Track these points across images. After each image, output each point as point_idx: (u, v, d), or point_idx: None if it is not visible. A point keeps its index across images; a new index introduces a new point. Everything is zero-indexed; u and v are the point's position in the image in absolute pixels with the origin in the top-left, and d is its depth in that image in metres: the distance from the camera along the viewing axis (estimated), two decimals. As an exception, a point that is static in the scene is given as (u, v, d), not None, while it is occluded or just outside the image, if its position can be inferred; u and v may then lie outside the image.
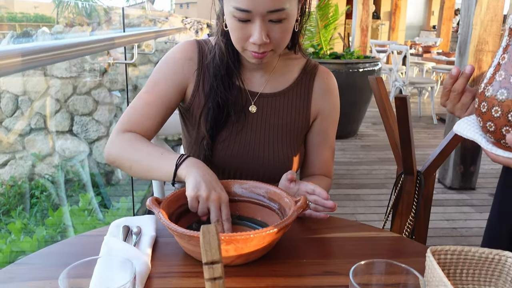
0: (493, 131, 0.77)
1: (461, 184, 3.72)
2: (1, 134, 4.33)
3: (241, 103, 1.19)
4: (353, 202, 3.44)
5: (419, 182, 1.49)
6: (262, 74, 1.22)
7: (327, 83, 1.26)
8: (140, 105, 1.16)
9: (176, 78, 1.18)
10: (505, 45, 0.75)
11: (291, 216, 0.88)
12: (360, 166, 4.29)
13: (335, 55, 5.29)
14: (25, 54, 1.08)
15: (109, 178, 4.46)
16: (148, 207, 0.92)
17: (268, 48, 1.05)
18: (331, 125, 1.28)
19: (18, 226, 3.19)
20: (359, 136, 5.38)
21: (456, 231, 2.99)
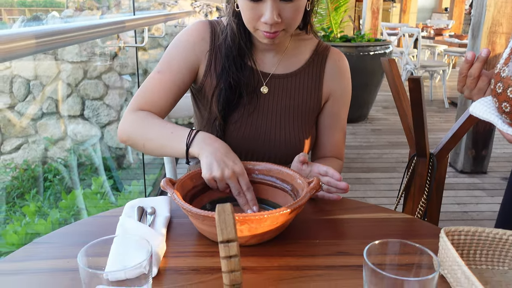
0: (509, 111, 0.76)
1: (473, 168, 3.70)
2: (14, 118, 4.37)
3: (253, 84, 1.19)
4: (363, 185, 3.44)
5: (431, 164, 1.49)
6: (274, 55, 1.21)
7: (339, 65, 1.25)
8: (152, 85, 1.16)
9: (188, 58, 1.18)
10: None
11: (304, 197, 0.88)
12: (370, 150, 4.28)
13: (346, 38, 5.24)
14: (38, 37, 1.08)
15: (121, 162, 4.50)
16: (162, 188, 0.93)
17: (280, 28, 1.05)
18: (343, 108, 1.28)
19: (32, 209, 3.24)
20: (369, 120, 5.35)
21: (467, 215, 2.98)
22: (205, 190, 1.03)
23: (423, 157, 1.49)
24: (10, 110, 4.36)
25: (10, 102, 4.36)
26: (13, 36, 0.96)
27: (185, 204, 0.84)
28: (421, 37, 6.22)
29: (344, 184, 0.98)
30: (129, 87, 4.61)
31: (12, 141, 4.34)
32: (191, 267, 0.80)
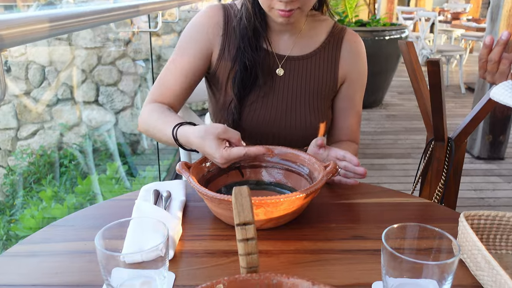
0: None
1: (490, 153, 3.64)
2: (30, 104, 4.41)
3: (268, 65, 1.18)
4: (378, 171, 3.42)
5: (449, 149, 1.46)
6: (289, 36, 1.20)
7: (355, 47, 1.23)
8: (166, 75, 1.18)
9: (201, 44, 1.17)
10: None
11: (320, 181, 0.87)
12: (385, 135, 4.24)
13: (361, 22, 5.16)
14: (52, 20, 1.07)
15: (135, 148, 4.53)
16: (178, 171, 0.93)
17: (295, 6, 1.03)
18: (359, 91, 1.26)
19: (49, 194, 3.29)
20: (384, 106, 5.30)
21: (484, 201, 2.94)
22: (220, 174, 1.02)
23: (441, 142, 1.47)
24: (26, 96, 4.40)
25: (26, 88, 4.40)
26: (28, 20, 0.96)
27: (201, 188, 0.84)
28: (437, 21, 6.10)
29: (362, 170, 0.97)
30: (142, 72, 4.61)
31: (28, 127, 4.39)
32: (207, 250, 0.80)
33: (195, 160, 0.99)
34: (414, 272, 0.61)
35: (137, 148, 4.53)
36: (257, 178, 1.05)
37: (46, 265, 0.76)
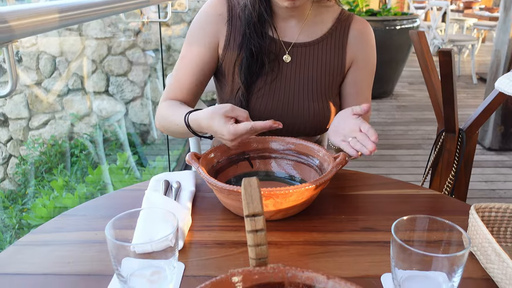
0: None
1: (501, 145, 3.61)
2: (41, 94, 4.44)
3: (274, 52, 1.18)
4: (388, 162, 3.40)
5: (460, 140, 1.45)
6: (295, 23, 1.19)
7: (363, 32, 1.22)
8: (177, 73, 1.20)
9: (208, 36, 1.18)
10: None
11: (330, 172, 0.87)
12: (395, 126, 4.21)
13: (371, 12, 5.11)
14: (63, 11, 1.08)
15: (145, 138, 4.55)
16: (187, 162, 0.93)
17: None
18: (367, 77, 1.23)
19: (60, 184, 3.32)
20: (394, 96, 5.26)
21: (495, 193, 2.92)
22: (230, 164, 1.02)
23: (452, 133, 1.45)
24: (38, 87, 4.43)
25: (37, 78, 4.42)
26: (38, 10, 0.96)
27: (210, 179, 0.84)
28: (449, 10, 6.02)
29: (371, 145, 0.91)
30: (152, 63, 4.61)
31: (40, 117, 4.42)
32: (216, 241, 0.80)
33: (205, 151, 0.99)
34: (423, 264, 0.61)
35: (147, 138, 4.55)
36: (266, 169, 1.05)
37: (58, 254, 0.77)
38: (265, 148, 1.05)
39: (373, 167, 3.31)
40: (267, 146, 1.05)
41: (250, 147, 1.05)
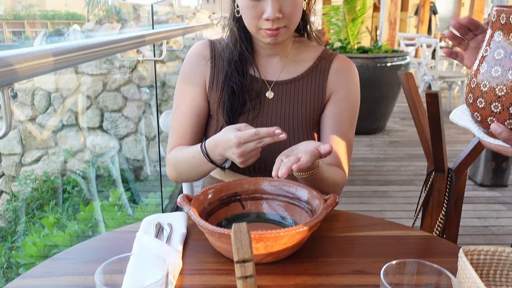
0: (480, 121, 0.77)
1: (493, 181, 3.63)
2: (34, 130, 4.45)
3: (256, 90, 1.21)
4: (380, 199, 3.40)
5: (450, 179, 1.47)
6: (277, 61, 1.23)
7: (343, 68, 1.23)
8: (175, 123, 1.24)
9: (196, 80, 1.23)
10: (488, 37, 0.75)
11: (320, 214, 0.88)
12: (388, 162, 4.24)
13: (363, 49, 5.23)
14: (57, 54, 1.10)
15: (138, 174, 4.54)
16: (179, 204, 0.93)
17: (281, 24, 1.08)
18: (346, 112, 1.21)
19: (51, 221, 3.29)
20: (387, 132, 5.31)
21: (488, 230, 2.92)
22: (222, 206, 1.03)
23: (441, 172, 1.47)
24: (31, 122, 4.45)
25: (32, 114, 4.45)
26: (34, 54, 0.99)
27: (201, 221, 0.85)
28: (439, 47, 6.17)
29: (281, 171, 0.88)
30: (147, 99, 4.66)
31: (33, 153, 4.42)
32: (207, 285, 0.80)
33: (197, 193, 1.00)
34: (412, 310, 0.61)
35: (140, 174, 4.54)
36: (257, 210, 1.06)
37: (47, 300, 0.76)
38: (256, 189, 1.06)
39: (366, 203, 3.31)
40: (258, 187, 1.06)
41: (241, 188, 1.06)
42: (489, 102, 0.73)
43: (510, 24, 0.70)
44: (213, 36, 6.28)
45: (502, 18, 0.71)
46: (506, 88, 0.71)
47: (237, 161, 1.00)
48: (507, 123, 0.73)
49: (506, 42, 0.71)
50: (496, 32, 0.73)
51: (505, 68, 0.71)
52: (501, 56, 0.72)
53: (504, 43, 0.71)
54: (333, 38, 5.79)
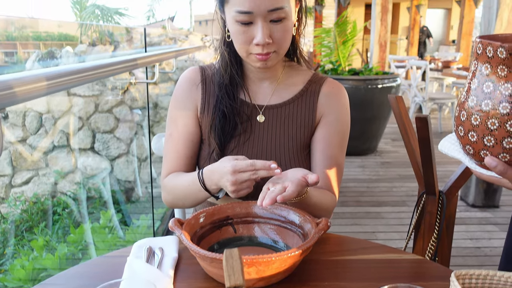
0: (473, 154, 0.76)
1: (484, 201, 3.65)
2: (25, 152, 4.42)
3: (247, 113, 1.22)
4: (373, 220, 3.40)
5: (441, 202, 1.47)
6: (267, 85, 1.24)
7: (333, 91, 1.24)
8: (169, 149, 1.25)
9: (188, 106, 1.24)
10: (473, 69, 0.75)
11: (312, 238, 0.88)
12: (380, 183, 4.25)
13: (354, 71, 5.29)
14: (50, 78, 1.11)
15: (130, 195, 4.51)
16: (170, 228, 0.93)
17: (271, 49, 1.10)
18: (336, 135, 1.22)
19: (41, 243, 3.24)
20: (378, 153, 5.34)
21: (480, 251, 2.92)
22: (213, 230, 1.02)
23: (432, 195, 1.48)
24: (22, 144, 4.42)
25: (23, 135, 4.42)
26: (27, 79, 0.99)
27: (192, 246, 0.84)
28: (429, 69, 6.26)
29: (266, 201, 0.90)
30: (139, 120, 4.66)
31: (23, 174, 4.38)
32: (198, 311, 0.79)
33: (189, 217, 0.99)
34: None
35: (132, 196, 4.51)
36: (249, 234, 1.05)
37: (35, 328, 0.74)
38: (248, 212, 1.06)
39: (359, 225, 3.31)
40: (250, 211, 1.06)
41: (233, 212, 1.06)
42: (481, 135, 0.73)
43: (498, 57, 0.70)
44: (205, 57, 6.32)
45: (489, 51, 0.71)
46: (499, 121, 0.70)
47: (229, 189, 1.01)
48: (501, 156, 0.72)
49: (494, 76, 0.71)
50: (483, 64, 0.73)
51: (496, 102, 0.70)
52: (490, 89, 0.71)
53: (493, 76, 0.71)
54: (324, 60, 5.86)
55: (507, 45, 0.69)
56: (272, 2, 1.04)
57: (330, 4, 12.69)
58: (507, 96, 0.70)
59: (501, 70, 0.70)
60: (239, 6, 1.05)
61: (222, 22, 1.18)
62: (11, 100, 0.90)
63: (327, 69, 5.38)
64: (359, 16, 15.19)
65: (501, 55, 0.70)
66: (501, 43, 0.70)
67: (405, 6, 14.12)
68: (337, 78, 4.81)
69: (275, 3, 1.04)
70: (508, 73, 0.70)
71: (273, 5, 1.04)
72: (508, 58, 0.69)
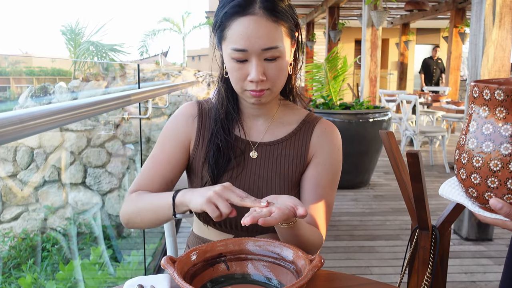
0: (476, 196, 0.76)
1: (478, 235, 3.64)
2: (15, 187, 4.38)
3: (241, 148, 1.24)
4: (367, 254, 3.37)
5: (434, 237, 1.47)
6: (262, 122, 1.26)
7: (326, 132, 1.25)
8: (148, 167, 1.25)
9: (180, 137, 1.26)
10: (471, 112, 0.76)
11: (306, 276, 0.87)
12: (373, 216, 4.24)
13: (345, 105, 5.35)
14: (44, 116, 1.11)
15: (121, 230, 4.45)
16: (163, 267, 0.92)
17: (265, 86, 1.12)
18: (326, 175, 1.23)
19: (29, 281, 3.16)
20: (371, 186, 5.34)
21: (475, 285, 2.90)
22: (206, 267, 1.01)
23: (425, 230, 1.48)
24: (12, 179, 4.38)
25: (13, 170, 4.39)
26: (18, 117, 0.99)
27: (185, 285, 0.83)
28: (418, 103, 6.35)
29: (302, 210, 0.93)
30: (131, 155, 4.65)
31: (12, 210, 4.32)
32: None
33: (181, 254, 0.98)
34: None
35: (123, 231, 4.45)
36: (243, 271, 1.04)
37: None
38: (241, 249, 1.05)
39: (352, 259, 3.28)
40: (243, 247, 1.05)
41: (226, 249, 1.05)
42: (484, 177, 0.73)
43: (495, 99, 0.71)
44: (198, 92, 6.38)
45: (485, 94, 0.72)
46: (501, 162, 0.71)
47: (206, 195, 0.98)
48: (506, 197, 0.72)
49: (493, 118, 0.72)
50: (481, 107, 0.74)
51: (496, 143, 0.71)
52: (490, 131, 0.72)
53: (491, 118, 0.72)
54: (316, 95, 5.94)
55: (505, 87, 0.70)
56: (266, 42, 1.07)
57: (321, 40, 12.95)
58: (507, 137, 0.71)
59: (499, 112, 0.71)
60: (235, 44, 1.08)
61: (221, 59, 1.21)
62: (3, 139, 0.90)
63: (318, 103, 5.45)
64: (349, 52, 15.51)
65: (498, 97, 0.71)
66: (498, 85, 0.71)
67: (394, 42, 14.45)
68: (328, 112, 4.87)
69: (269, 43, 1.07)
70: (507, 114, 0.71)
71: (267, 44, 1.07)
72: (506, 100, 0.71)
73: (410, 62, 13.99)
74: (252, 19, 1.07)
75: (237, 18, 1.08)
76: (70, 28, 12.56)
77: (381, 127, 4.91)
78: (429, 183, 5.32)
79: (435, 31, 15.67)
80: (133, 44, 72.62)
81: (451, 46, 9.81)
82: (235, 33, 1.08)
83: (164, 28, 21.19)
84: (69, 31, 12.51)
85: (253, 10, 1.07)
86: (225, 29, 1.10)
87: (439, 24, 14.09)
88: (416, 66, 15.52)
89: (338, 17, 9.73)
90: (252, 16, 1.07)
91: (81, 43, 11.68)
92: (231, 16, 1.08)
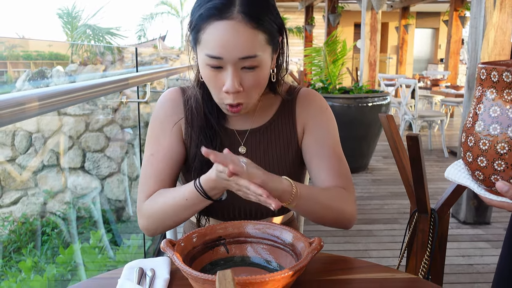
0: (483, 179, 0.75)
1: (475, 218, 3.66)
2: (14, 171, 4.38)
3: (230, 142, 1.19)
4: (365, 238, 3.39)
5: (433, 220, 1.48)
6: (246, 115, 1.20)
7: (309, 99, 1.21)
8: (149, 170, 1.16)
9: (172, 125, 1.18)
10: (479, 95, 0.75)
11: (306, 258, 0.87)
12: (371, 200, 4.25)
13: (344, 89, 5.33)
14: (42, 99, 1.10)
15: (120, 215, 4.47)
16: (162, 249, 0.92)
17: (242, 98, 1.05)
18: (327, 135, 1.19)
19: (29, 264, 3.18)
20: (369, 170, 5.36)
21: (472, 268, 2.92)
22: (206, 250, 1.01)
23: (424, 213, 1.49)
24: (11, 163, 4.38)
25: (11, 155, 4.38)
26: (17, 100, 0.98)
27: (185, 267, 0.83)
28: (418, 87, 6.33)
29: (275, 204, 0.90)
30: (130, 139, 4.64)
31: (12, 194, 4.33)
32: (190, 333, 0.78)
33: (181, 237, 0.99)
34: None
35: (122, 215, 4.47)
36: (242, 254, 1.04)
37: None
38: (240, 232, 1.05)
39: (351, 243, 3.30)
40: (242, 230, 1.05)
41: (225, 232, 1.05)
42: (491, 160, 0.72)
43: (503, 81, 0.70)
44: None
45: (493, 76, 0.72)
46: (508, 145, 0.70)
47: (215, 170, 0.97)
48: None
49: (500, 100, 0.71)
50: (488, 89, 0.73)
51: (504, 126, 0.70)
52: (497, 113, 0.72)
53: (499, 100, 0.71)
54: (315, 79, 5.91)
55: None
56: (244, 50, 0.97)
57: (320, 24, 12.87)
58: None
59: (507, 94, 0.71)
60: (209, 50, 0.98)
61: (196, 62, 1.11)
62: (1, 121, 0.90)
63: (317, 88, 5.42)
64: (348, 36, 15.41)
65: (507, 79, 0.70)
66: (506, 67, 0.70)
67: (393, 26, 14.36)
68: (327, 96, 4.85)
69: (247, 51, 0.98)
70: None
71: (244, 53, 0.98)
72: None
73: (410, 46, 13.91)
74: (230, 24, 0.96)
75: (213, 22, 0.97)
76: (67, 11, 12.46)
77: (380, 112, 4.90)
78: (428, 167, 5.34)
79: (435, 15, 15.57)
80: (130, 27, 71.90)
81: (451, 30, 9.76)
82: (210, 38, 0.98)
83: (162, 12, 20.96)
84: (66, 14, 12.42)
85: (231, 14, 0.96)
86: (200, 31, 1.00)
87: (439, 7, 13.98)
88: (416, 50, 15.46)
89: (338, 0, 9.65)
90: (230, 21, 0.96)
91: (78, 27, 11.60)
92: (207, 18, 0.98)
